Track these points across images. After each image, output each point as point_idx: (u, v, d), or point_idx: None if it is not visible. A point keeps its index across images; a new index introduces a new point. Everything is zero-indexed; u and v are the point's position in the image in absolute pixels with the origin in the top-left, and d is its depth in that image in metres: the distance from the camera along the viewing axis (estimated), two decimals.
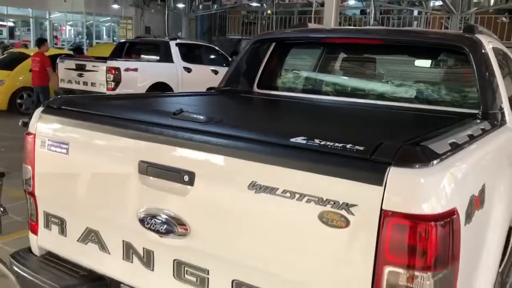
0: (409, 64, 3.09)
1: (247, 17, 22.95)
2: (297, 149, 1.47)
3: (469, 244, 1.56)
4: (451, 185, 1.41)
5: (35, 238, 2.23)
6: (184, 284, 1.74)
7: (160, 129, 1.76)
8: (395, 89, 2.92)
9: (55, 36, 23.96)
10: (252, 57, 3.39)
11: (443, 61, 2.96)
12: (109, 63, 9.36)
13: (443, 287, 1.36)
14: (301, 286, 1.49)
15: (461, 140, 1.68)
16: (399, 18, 19.49)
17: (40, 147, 2.09)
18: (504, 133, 2.40)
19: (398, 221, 1.30)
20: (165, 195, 1.73)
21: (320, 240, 1.41)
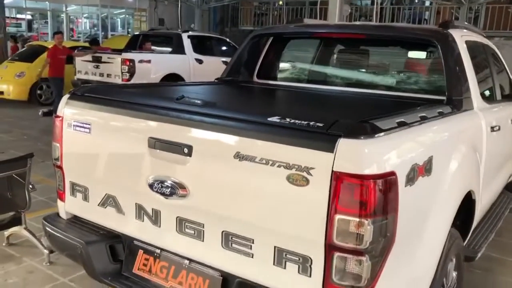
0: (388, 56, 3.45)
1: (259, 8, 23.21)
2: (272, 126, 1.86)
3: (412, 203, 1.93)
4: (391, 153, 1.79)
5: (63, 205, 2.66)
6: (185, 236, 2.15)
7: (165, 111, 2.16)
8: (375, 78, 3.29)
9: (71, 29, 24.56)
10: (252, 50, 3.78)
11: (417, 53, 3.31)
12: (124, 55, 9.79)
13: (382, 232, 1.73)
14: (273, 232, 1.89)
15: (411, 120, 2.04)
16: (410, 9, 19.60)
17: (67, 128, 2.51)
18: (465, 117, 2.76)
19: (344, 179, 1.68)
20: (169, 165, 2.13)
21: (287, 196, 1.80)
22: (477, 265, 4.05)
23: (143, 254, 2.36)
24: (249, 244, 1.95)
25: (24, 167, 3.72)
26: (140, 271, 2.36)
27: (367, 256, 1.73)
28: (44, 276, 3.58)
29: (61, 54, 9.88)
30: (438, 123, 2.33)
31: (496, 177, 3.76)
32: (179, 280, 2.22)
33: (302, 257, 1.82)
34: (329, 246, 1.75)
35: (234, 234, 1.99)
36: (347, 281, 1.76)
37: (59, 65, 9.84)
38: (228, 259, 2.03)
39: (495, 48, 4.31)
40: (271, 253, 1.89)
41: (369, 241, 1.70)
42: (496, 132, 3.28)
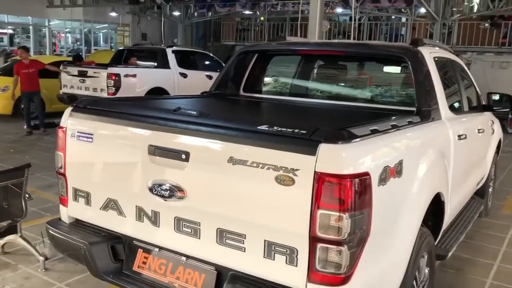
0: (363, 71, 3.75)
1: (241, 24, 23.65)
2: (261, 133, 2.11)
3: (385, 200, 2.19)
4: (365, 156, 2.06)
5: (65, 210, 2.86)
6: (182, 234, 2.37)
7: (164, 121, 2.40)
8: (352, 92, 3.59)
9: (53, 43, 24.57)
10: (238, 65, 4.04)
11: (390, 69, 3.62)
12: (109, 70, 9.96)
13: (358, 224, 1.99)
14: (263, 227, 2.12)
15: (383, 128, 2.32)
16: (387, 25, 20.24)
17: (71, 138, 2.72)
18: (433, 126, 3.05)
19: (325, 179, 1.94)
20: (167, 169, 2.36)
21: (275, 194, 2.05)
22: (449, 265, 4.35)
23: (142, 252, 2.57)
24: (242, 239, 2.19)
25: (22, 177, 3.88)
26: (140, 268, 2.56)
27: (346, 246, 1.98)
28: (40, 282, 3.73)
29: (25, 68, 9.73)
30: (407, 131, 2.61)
31: (465, 182, 4.06)
32: (176, 276, 2.44)
33: (289, 248, 2.06)
34: (312, 238, 1.99)
35: (227, 230, 2.22)
36: (329, 269, 2.01)
37: (25, 80, 9.72)
38: (222, 254, 2.25)
39: (462, 64, 4.66)
40: (261, 246, 2.13)
41: (347, 232, 1.95)
42: (463, 140, 3.58)
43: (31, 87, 9.78)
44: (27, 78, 9.74)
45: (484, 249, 4.81)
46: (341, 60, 3.79)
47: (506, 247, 4.88)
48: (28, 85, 9.75)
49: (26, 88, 9.79)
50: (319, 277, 2.02)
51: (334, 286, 2.01)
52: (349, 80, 3.75)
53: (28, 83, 9.75)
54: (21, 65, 9.82)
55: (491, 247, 4.85)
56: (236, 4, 18.28)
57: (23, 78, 9.74)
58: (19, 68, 9.78)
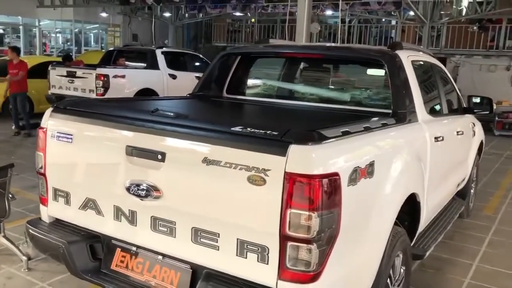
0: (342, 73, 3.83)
1: (232, 25, 23.70)
2: (235, 134, 2.16)
3: (355, 200, 2.25)
4: (334, 157, 2.12)
5: (45, 209, 2.89)
6: (159, 234, 2.42)
7: (141, 122, 2.44)
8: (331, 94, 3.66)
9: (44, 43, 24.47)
10: (221, 67, 4.10)
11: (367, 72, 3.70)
12: (98, 70, 9.96)
13: (327, 223, 2.04)
14: (236, 226, 2.18)
15: (354, 130, 2.38)
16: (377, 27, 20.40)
17: (51, 138, 2.75)
18: (408, 128, 3.13)
19: (295, 179, 1.99)
20: (144, 170, 2.40)
21: (248, 194, 2.10)
22: (429, 264, 4.42)
23: (120, 251, 2.61)
24: (216, 238, 2.24)
25: (5, 177, 3.90)
26: (118, 267, 2.60)
27: (315, 244, 2.03)
28: (23, 281, 3.75)
29: (12, 69, 9.66)
30: (380, 133, 2.68)
31: (444, 183, 4.14)
32: (153, 274, 2.48)
33: (261, 247, 2.12)
34: (283, 237, 2.05)
35: (202, 229, 2.27)
36: (299, 267, 2.06)
37: (12, 81, 9.67)
38: (197, 252, 2.30)
39: (443, 67, 4.75)
40: (234, 245, 2.18)
41: (317, 231, 2.01)
42: (440, 142, 3.66)
43: (18, 88, 9.74)
44: (17, 79, 9.66)
45: (464, 249, 4.90)
46: (320, 63, 3.85)
47: (485, 248, 4.97)
48: (15, 86, 9.72)
49: (13, 89, 9.75)
50: (289, 274, 2.07)
51: (304, 283, 2.07)
52: (328, 83, 3.83)
53: (15, 84, 9.71)
54: (10, 66, 9.81)
55: (471, 248, 4.94)
56: (227, 6, 18.30)
57: (11, 79, 9.71)
58: (8, 69, 9.76)
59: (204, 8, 19.31)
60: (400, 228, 3.00)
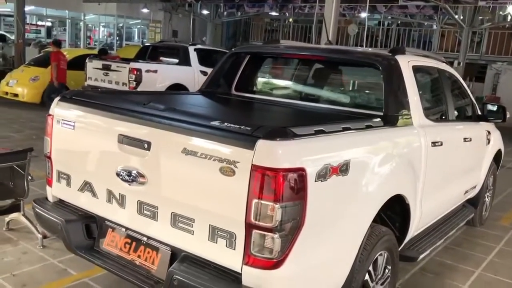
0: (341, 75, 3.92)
1: (270, 25, 23.85)
2: (211, 128, 2.32)
3: (324, 195, 2.36)
4: (302, 153, 2.24)
5: (50, 190, 3.15)
6: (143, 217, 2.61)
7: (133, 113, 2.64)
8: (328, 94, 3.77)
9: (88, 37, 25.41)
10: (231, 65, 4.26)
11: (364, 74, 3.77)
12: (131, 65, 10.35)
13: (290, 214, 2.17)
14: (208, 213, 2.33)
15: (330, 129, 2.49)
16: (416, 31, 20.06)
17: (56, 124, 2.99)
18: (398, 131, 3.19)
19: (260, 171, 2.13)
20: (132, 157, 2.60)
21: (219, 183, 2.25)
22: (430, 269, 4.45)
23: (111, 232, 2.82)
24: (191, 223, 2.41)
25: (24, 159, 4.22)
26: (109, 246, 2.82)
27: (278, 233, 2.16)
28: (36, 257, 4.05)
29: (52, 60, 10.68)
30: (362, 133, 2.77)
31: (445, 188, 4.15)
32: (138, 254, 2.68)
33: (229, 233, 2.27)
34: (248, 225, 2.19)
35: (180, 215, 2.45)
36: (262, 253, 2.20)
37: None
38: (175, 236, 2.48)
39: (455, 74, 4.73)
40: (206, 230, 2.34)
41: (279, 221, 2.14)
42: (439, 148, 3.69)
43: (56, 78, 10.38)
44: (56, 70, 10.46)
45: (469, 256, 4.87)
46: (320, 64, 3.96)
47: (493, 257, 4.92)
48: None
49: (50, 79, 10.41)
50: (253, 260, 2.21)
51: (266, 269, 2.20)
52: (326, 84, 3.93)
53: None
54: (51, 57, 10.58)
55: (477, 256, 4.90)
56: (265, 5, 18.48)
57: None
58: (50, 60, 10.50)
59: (242, 6, 19.59)
60: (384, 228, 3.08)
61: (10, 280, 3.65)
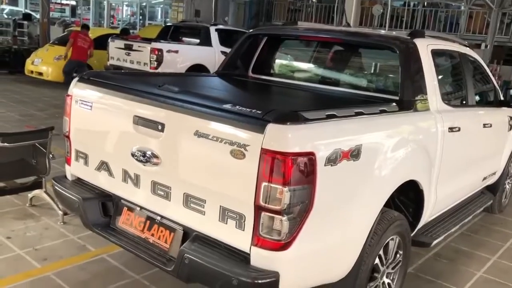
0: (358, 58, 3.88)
1: (294, 4, 23.54)
2: (223, 111, 2.35)
3: (334, 180, 2.38)
4: (311, 137, 2.25)
5: (69, 168, 3.24)
6: (157, 197, 2.67)
7: (148, 95, 2.68)
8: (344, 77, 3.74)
9: (112, 16, 25.57)
10: (248, 47, 4.25)
11: (381, 58, 3.73)
12: (153, 45, 10.40)
13: (299, 198, 2.19)
14: (219, 194, 2.38)
15: (342, 114, 2.49)
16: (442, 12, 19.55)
17: (74, 105, 3.06)
18: (414, 116, 3.17)
19: (269, 155, 2.15)
20: (147, 138, 2.65)
21: (230, 166, 2.29)
22: (445, 255, 4.44)
23: (126, 210, 2.90)
24: (202, 204, 2.46)
25: (46, 138, 4.33)
26: (124, 224, 2.90)
27: (286, 216, 2.20)
28: (57, 233, 4.19)
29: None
30: (375, 118, 2.76)
31: (462, 175, 4.11)
32: (152, 233, 2.75)
33: (239, 214, 2.31)
34: (257, 207, 2.23)
35: (192, 195, 2.50)
36: (270, 235, 2.24)
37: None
38: (187, 215, 2.54)
39: (478, 59, 4.63)
40: (217, 211, 2.39)
41: (287, 204, 2.17)
42: (457, 133, 3.64)
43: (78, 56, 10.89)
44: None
45: (486, 243, 4.83)
46: (337, 46, 3.92)
47: (510, 244, 4.87)
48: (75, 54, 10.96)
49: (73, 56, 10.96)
50: (261, 241, 2.26)
51: (274, 251, 2.25)
52: (343, 67, 3.90)
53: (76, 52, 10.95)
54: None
55: (494, 243, 4.86)
56: None
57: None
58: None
59: None
60: (396, 213, 3.08)
61: (32, 254, 3.79)
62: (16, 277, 3.45)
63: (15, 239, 4.02)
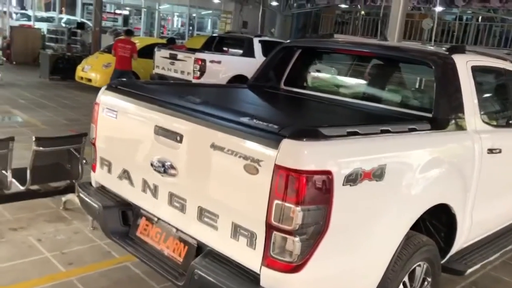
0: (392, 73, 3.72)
1: (341, 17, 23.33)
2: (238, 124, 2.29)
3: (354, 200, 2.25)
4: (329, 155, 2.14)
5: (94, 175, 3.27)
6: (173, 208, 2.64)
7: (169, 105, 2.66)
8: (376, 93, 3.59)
9: (162, 26, 26.25)
10: (281, 59, 4.19)
11: (416, 73, 3.55)
12: (196, 55, 10.56)
13: (313, 218, 2.09)
14: (232, 209, 2.31)
15: (366, 131, 2.37)
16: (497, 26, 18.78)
17: (101, 113, 3.09)
18: (448, 136, 2.98)
19: (282, 171, 2.06)
20: (166, 149, 2.62)
21: (243, 181, 2.22)
22: (482, 284, 4.17)
23: (145, 220, 2.89)
24: (216, 219, 2.39)
25: (80, 143, 4.42)
26: (141, 234, 2.89)
27: (298, 237, 2.09)
28: (85, 237, 4.26)
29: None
30: (402, 137, 2.61)
31: (503, 199, 3.84)
32: (167, 245, 2.72)
33: (250, 232, 2.23)
34: (268, 225, 2.14)
35: (206, 209, 2.44)
36: (281, 256, 2.14)
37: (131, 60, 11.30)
38: (201, 230, 2.48)
39: None
40: (229, 227, 2.32)
41: (299, 224, 2.07)
42: (497, 155, 3.41)
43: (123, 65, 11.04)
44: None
45: None
46: (372, 61, 3.78)
47: None
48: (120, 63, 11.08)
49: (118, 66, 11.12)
50: (272, 262, 2.16)
51: (285, 273, 2.14)
52: (376, 81, 3.75)
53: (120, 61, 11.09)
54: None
55: None
56: None
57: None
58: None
59: None
60: (425, 237, 2.91)
61: (59, 258, 3.86)
62: (40, 280, 3.51)
63: (45, 242, 4.11)
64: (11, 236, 4.15)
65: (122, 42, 11.25)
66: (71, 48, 16.02)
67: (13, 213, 4.59)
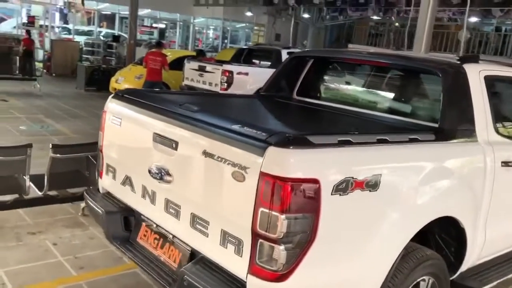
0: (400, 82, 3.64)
1: (375, 29, 23.12)
2: (228, 131, 2.29)
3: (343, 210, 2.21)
4: (317, 163, 2.11)
5: (101, 181, 3.34)
6: (169, 215, 2.66)
7: (167, 113, 2.70)
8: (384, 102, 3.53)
9: (197, 39, 26.73)
10: (292, 69, 4.18)
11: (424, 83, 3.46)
12: (224, 67, 10.68)
13: (299, 227, 2.05)
14: (221, 216, 2.31)
15: (359, 140, 2.32)
16: None
17: (108, 120, 3.17)
18: (454, 147, 2.89)
19: (267, 179, 2.05)
20: (163, 155, 2.66)
21: (231, 188, 2.22)
22: None
23: (145, 226, 2.92)
24: (206, 226, 2.40)
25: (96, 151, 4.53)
26: (141, 240, 2.92)
27: (283, 245, 2.07)
28: (99, 243, 4.34)
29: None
30: (401, 147, 2.54)
31: None
32: (164, 251, 2.75)
33: (238, 240, 2.22)
34: (254, 233, 2.12)
35: (198, 216, 2.45)
36: (267, 264, 2.12)
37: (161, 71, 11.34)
38: (193, 236, 2.49)
39: None
40: (219, 234, 2.32)
41: (284, 232, 2.04)
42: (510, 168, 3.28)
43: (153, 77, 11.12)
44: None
45: None
46: (380, 70, 3.72)
47: None
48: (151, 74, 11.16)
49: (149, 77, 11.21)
50: (258, 270, 2.14)
51: (270, 281, 2.12)
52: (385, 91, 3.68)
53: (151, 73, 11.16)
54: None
55: None
56: (368, 9, 17.95)
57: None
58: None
59: (345, 10, 19.23)
60: (429, 251, 2.81)
61: (71, 262, 3.95)
62: (51, 283, 3.60)
63: (60, 246, 4.22)
64: (29, 240, 4.28)
65: (153, 54, 11.45)
66: (107, 60, 16.52)
67: (34, 217, 4.74)
